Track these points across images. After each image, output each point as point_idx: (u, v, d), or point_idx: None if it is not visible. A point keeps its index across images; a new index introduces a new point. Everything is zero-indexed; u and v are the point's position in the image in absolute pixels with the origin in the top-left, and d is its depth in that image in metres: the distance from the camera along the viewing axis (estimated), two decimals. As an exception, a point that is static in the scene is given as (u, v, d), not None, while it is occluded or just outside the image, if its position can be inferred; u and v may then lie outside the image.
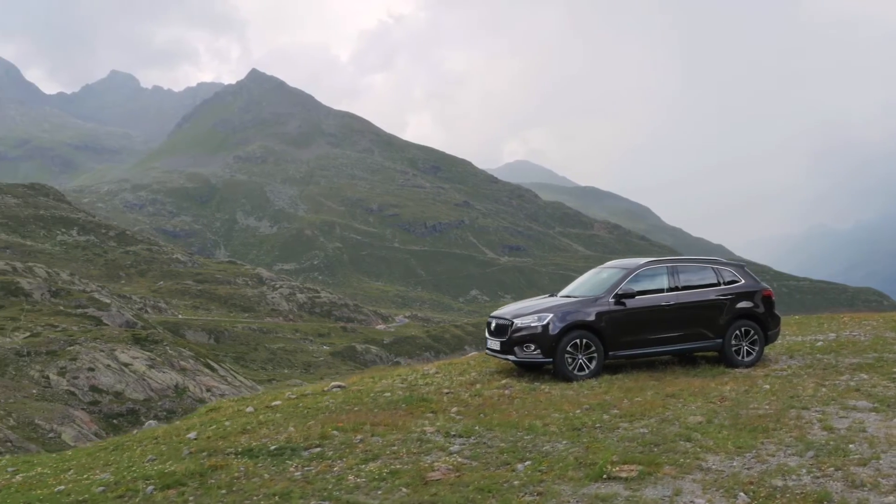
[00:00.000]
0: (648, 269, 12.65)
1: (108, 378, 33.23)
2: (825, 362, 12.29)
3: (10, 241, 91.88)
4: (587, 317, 11.91)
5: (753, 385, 10.64)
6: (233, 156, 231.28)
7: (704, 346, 12.63)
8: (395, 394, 11.62)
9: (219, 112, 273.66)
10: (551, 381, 11.88)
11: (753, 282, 13.00)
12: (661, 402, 9.63)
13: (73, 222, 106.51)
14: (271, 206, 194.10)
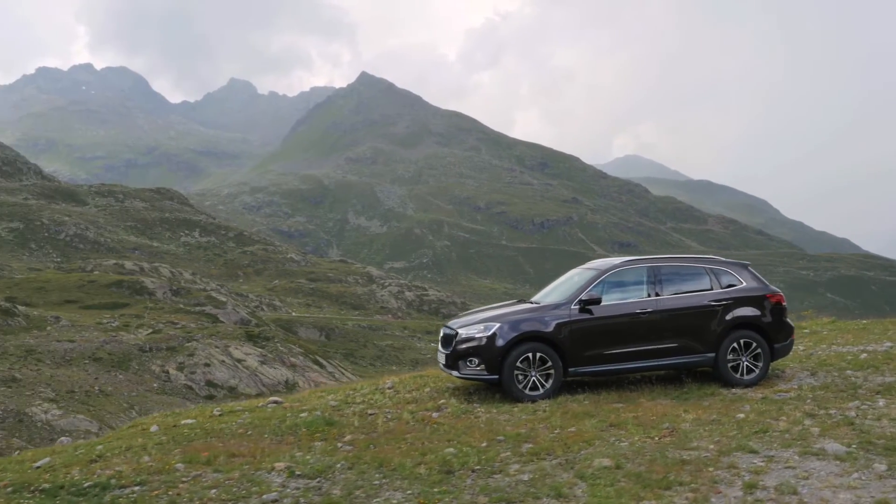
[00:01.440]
0: (624, 270, 10.64)
1: (223, 373, 35.12)
2: (849, 382, 10.11)
3: (139, 242, 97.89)
4: (543, 327, 10.04)
5: (727, 413, 8.70)
6: (344, 157, 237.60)
7: (692, 361, 10.44)
8: (314, 413, 10.15)
9: (331, 115, 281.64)
10: (498, 401, 10.10)
11: (758, 284, 10.84)
12: (594, 434, 8.08)
13: (196, 224, 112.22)
14: (381, 206, 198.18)
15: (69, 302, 44.30)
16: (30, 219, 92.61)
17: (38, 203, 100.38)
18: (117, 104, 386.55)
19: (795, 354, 12.69)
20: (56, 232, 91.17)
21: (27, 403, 24.12)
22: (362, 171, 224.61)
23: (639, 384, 10.72)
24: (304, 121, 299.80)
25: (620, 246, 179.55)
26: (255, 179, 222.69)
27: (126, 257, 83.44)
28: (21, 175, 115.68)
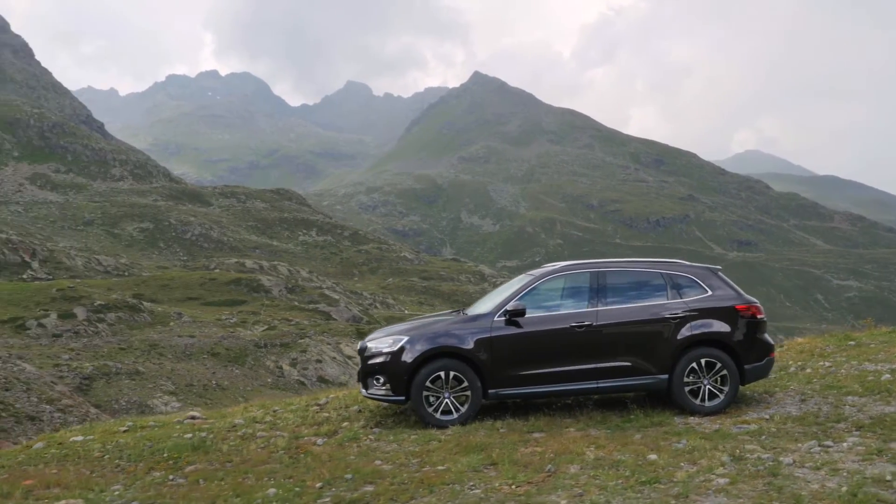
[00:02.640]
0: (561, 276, 9.12)
1: (334, 370, 35.65)
2: (837, 412, 8.26)
3: (259, 241, 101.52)
4: (459, 342, 8.58)
5: (646, 451, 6.95)
6: (457, 157, 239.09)
7: (640, 384, 8.75)
8: (184, 437, 9.00)
9: (444, 115, 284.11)
10: (407, 427, 8.78)
11: (727, 294, 9.00)
12: (457, 476, 6.70)
13: (313, 224, 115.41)
14: (494, 205, 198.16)
15: (191, 299, 46.17)
16: (159, 219, 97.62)
17: (167, 204, 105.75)
18: (241, 108, 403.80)
19: (809, 373, 10.82)
20: (183, 231, 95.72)
21: (149, 395, 25.04)
22: (475, 170, 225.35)
23: (583, 408, 9.12)
24: (419, 121, 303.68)
25: (740, 244, 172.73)
26: (370, 179, 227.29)
27: (247, 256, 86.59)
28: (151, 178, 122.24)
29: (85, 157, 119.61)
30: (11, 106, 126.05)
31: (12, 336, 31.02)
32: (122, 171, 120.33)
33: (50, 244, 72.87)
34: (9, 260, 61.19)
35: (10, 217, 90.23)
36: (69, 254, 69.58)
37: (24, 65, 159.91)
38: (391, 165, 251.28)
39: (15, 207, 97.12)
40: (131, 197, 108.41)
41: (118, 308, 36.16)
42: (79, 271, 64.13)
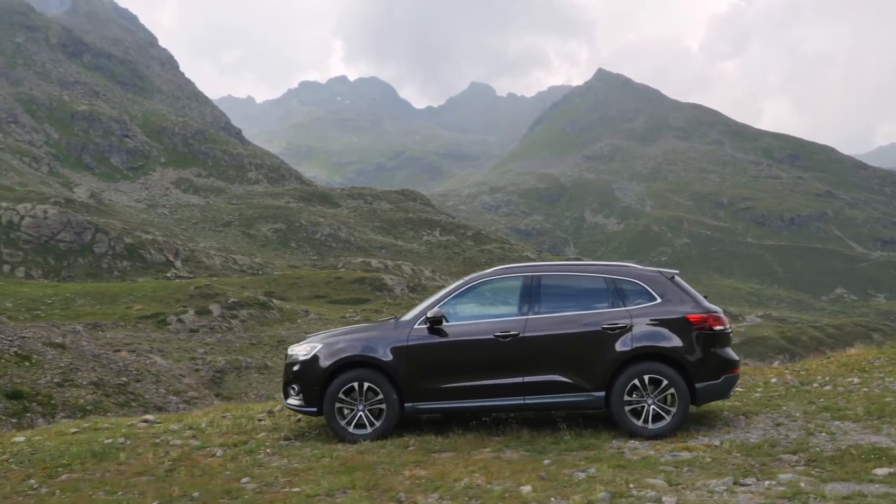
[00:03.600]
0: (492, 280, 8.29)
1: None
2: (799, 441, 7.23)
3: (385, 241, 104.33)
4: (374, 351, 7.94)
5: (523, 483, 6.17)
6: (581, 155, 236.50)
7: (572, 401, 7.83)
8: (124, 442, 8.59)
9: (567, 114, 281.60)
10: (317, 439, 8.25)
11: (681, 302, 7.92)
12: (303, 500, 6.14)
13: (437, 224, 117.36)
14: (618, 204, 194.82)
15: (318, 297, 48.32)
16: (291, 220, 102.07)
17: (298, 206, 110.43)
18: (368, 112, 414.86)
19: (824, 390, 9.76)
20: (313, 232, 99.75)
21: (277, 389, 26.53)
22: (599, 168, 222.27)
23: (517, 426, 8.18)
24: (542, 120, 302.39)
25: (884, 243, 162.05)
26: (494, 179, 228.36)
27: (373, 255, 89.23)
28: (284, 181, 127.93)
29: (224, 162, 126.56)
30: (159, 115, 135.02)
31: (154, 330, 33.63)
32: (257, 175, 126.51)
33: (192, 244, 77.79)
34: (155, 259, 65.81)
35: (157, 219, 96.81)
36: (208, 253, 74.04)
37: (170, 76, 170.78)
38: (514, 165, 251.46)
39: (161, 210, 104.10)
40: (266, 199, 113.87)
41: (250, 305, 38.40)
42: (217, 270, 68.21)
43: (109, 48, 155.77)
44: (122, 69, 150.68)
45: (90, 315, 37.22)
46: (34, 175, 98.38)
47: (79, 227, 64.83)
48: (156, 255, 66.49)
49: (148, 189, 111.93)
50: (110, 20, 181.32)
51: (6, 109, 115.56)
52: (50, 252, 61.94)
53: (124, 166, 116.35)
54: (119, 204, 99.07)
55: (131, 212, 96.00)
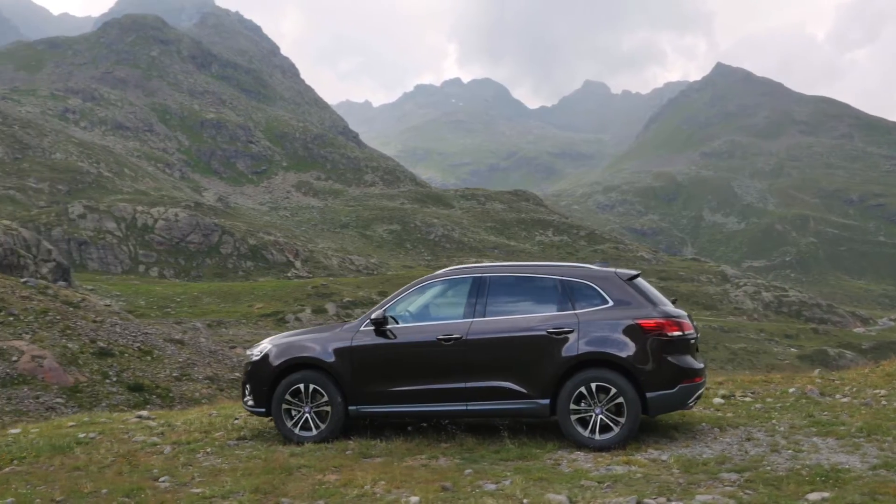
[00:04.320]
0: (442, 281, 8.06)
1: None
2: (756, 460, 6.67)
3: (497, 241, 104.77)
4: (319, 352, 7.84)
5: (416, 493, 5.93)
6: (698, 152, 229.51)
7: (514, 408, 7.46)
8: (95, 437, 8.61)
9: (684, 110, 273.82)
10: (267, 439, 8.19)
11: (635, 305, 7.43)
12: (189, 500, 6.08)
13: (549, 224, 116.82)
14: (739, 202, 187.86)
15: (430, 296, 49.28)
16: (406, 221, 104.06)
17: (413, 207, 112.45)
18: (482, 113, 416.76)
19: (827, 403, 9.04)
20: (427, 233, 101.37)
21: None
22: (718, 165, 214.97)
23: (467, 433, 7.85)
24: (657, 117, 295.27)
25: None
26: (608, 179, 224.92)
27: (486, 256, 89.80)
28: (399, 182, 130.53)
29: (342, 165, 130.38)
30: (281, 121, 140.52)
31: (273, 328, 35.25)
32: (373, 177, 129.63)
33: (311, 245, 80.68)
34: (276, 260, 68.70)
35: (279, 221, 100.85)
36: (326, 254, 76.61)
37: (291, 83, 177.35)
38: (629, 164, 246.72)
39: (283, 212, 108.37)
40: (381, 201, 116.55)
41: (364, 304, 39.64)
42: (334, 270, 70.53)
43: (235, 58, 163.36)
44: (246, 78, 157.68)
45: (215, 313, 39.43)
46: (167, 180, 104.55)
47: (207, 230, 68.49)
48: (277, 256, 69.40)
49: (270, 192, 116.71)
50: (236, 31, 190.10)
51: (142, 119, 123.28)
52: (181, 253, 65.73)
53: (249, 171, 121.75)
54: (244, 207, 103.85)
55: (255, 214, 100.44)
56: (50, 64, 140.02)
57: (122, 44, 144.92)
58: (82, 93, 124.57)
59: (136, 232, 66.37)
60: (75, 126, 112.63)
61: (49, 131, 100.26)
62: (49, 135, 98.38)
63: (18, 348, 18.28)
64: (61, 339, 20.05)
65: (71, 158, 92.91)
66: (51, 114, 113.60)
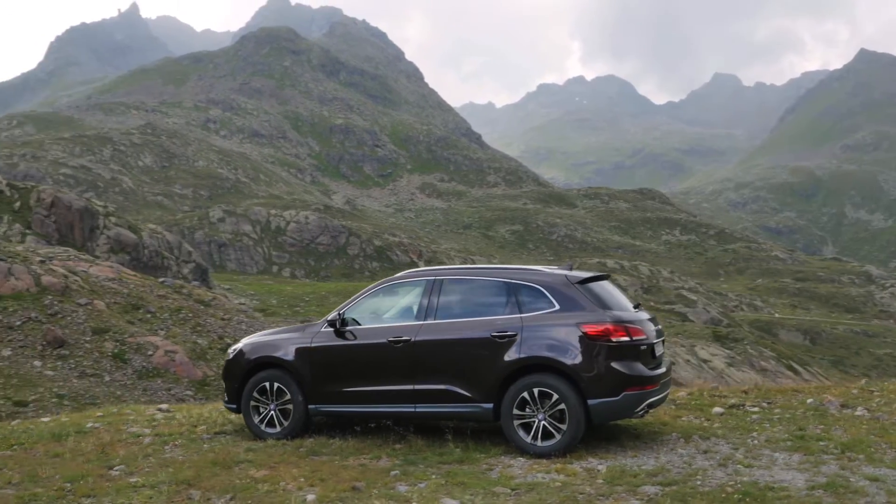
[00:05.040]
0: (399, 283, 8.16)
1: (688, 373, 35.49)
2: (690, 474, 6.34)
3: (622, 241, 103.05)
4: (282, 352, 8.08)
5: (322, 489, 6.08)
6: (840, 145, 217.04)
7: (459, 412, 7.43)
8: (98, 427, 9.00)
9: (823, 100, 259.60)
10: (238, 437, 8.33)
11: (580, 310, 7.18)
12: (83, 484, 6.37)
13: (676, 223, 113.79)
14: (885, 197, 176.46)
15: (552, 297, 49.08)
16: (528, 221, 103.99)
17: (535, 207, 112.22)
18: (606, 111, 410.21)
19: (852, 418, 8.31)
20: (549, 233, 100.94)
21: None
22: (862, 158, 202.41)
23: (421, 434, 7.83)
24: (794, 109, 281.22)
25: None
26: (740, 175, 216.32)
27: (609, 255, 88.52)
28: (522, 183, 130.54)
29: (465, 167, 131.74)
30: (405, 125, 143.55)
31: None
32: (496, 178, 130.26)
33: (434, 246, 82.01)
34: (400, 260, 70.32)
35: (404, 222, 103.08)
36: (449, 254, 77.69)
37: (415, 87, 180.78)
38: (763, 159, 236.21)
39: (408, 214, 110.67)
40: (504, 201, 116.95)
41: (486, 304, 40.08)
42: (457, 270, 71.44)
43: (362, 65, 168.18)
44: (373, 84, 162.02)
45: (344, 311, 40.90)
46: (299, 184, 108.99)
47: (335, 231, 71.01)
48: (401, 257, 71.04)
49: (396, 194, 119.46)
50: (363, 39, 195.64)
51: (276, 126, 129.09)
52: (311, 254, 68.46)
53: (375, 174, 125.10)
54: (370, 209, 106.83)
55: (381, 216, 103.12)
56: (193, 77, 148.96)
57: (257, 56, 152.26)
58: (222, 103, 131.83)
59: (269, 234, 69.66)
60: (216, 135, 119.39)
61: (192, 140, 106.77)
62: (192, 144, 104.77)
63: (154, 343, 19.77)
64: (192, 336, 21.49)
65: (212, 165, 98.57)
66: (194, 124, 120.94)
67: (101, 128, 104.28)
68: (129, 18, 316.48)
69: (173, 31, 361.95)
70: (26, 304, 20.50)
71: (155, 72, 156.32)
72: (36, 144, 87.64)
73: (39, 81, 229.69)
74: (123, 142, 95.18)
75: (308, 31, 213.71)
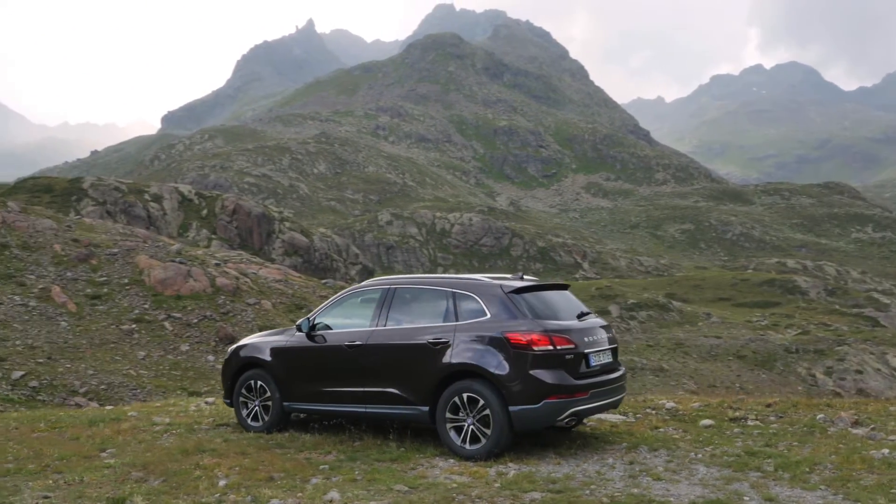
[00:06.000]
0: (361, 291, 8.60)
1: (878, 382, 32.49)
2: (598, 478, 6.49)
3: (804, 240, 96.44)
4: (263, 353, 8.73)
5: (235, 477, 6.61)
6: None
7: (400, 413, 7.80)
8: (131, 415, 9.85)
9: None
10: (231, 432, 8.77)
11: (507, 318, 7.31)
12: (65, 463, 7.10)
13: (869, 219, 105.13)
14: None
15: (722, 299, 46.55)
16: (699, 220, 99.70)
17: (707, 205, 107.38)
18: (787, 101, 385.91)
19: (845, 437, 7.75)
20: (723, 232, 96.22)
21: (670, 392, 26.39)
22: None
23: (375, 433, 8.22)
24: None
25: None
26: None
27: (790, 255, 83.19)
28: (693, 180, 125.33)
29: (631, 165, 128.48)
30: (570, 124, 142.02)
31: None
32: (664, 175, 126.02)
33: (599, 246, 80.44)
34: (564, 261, 69.49)
35: (569, 223, 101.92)
36: (615, 255, 75.89)
37: (580, 86, 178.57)
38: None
39: (573, 214, 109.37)
40: (673, 199, 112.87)
41: (649, 307, 38.60)
42: (622, 271, 69.61)
43: (526, 66, 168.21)
44: (536, 84, 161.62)
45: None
46: (464, 187, 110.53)
47: (498, 233, 71.29)
48: (565, 258, 70.18)
49: (560, 195, 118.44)
50: (526, 40, 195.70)
51: (442, 131, 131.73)
52: (474, 255, 69.12)
53: (539, 174, 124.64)
54: (534, 210, 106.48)
55: (545, 217, 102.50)
56: (364, 87, 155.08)
57: (423, 62, 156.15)
58: (390, 110, 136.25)
59: (434, 236, 71.06)
60: (384, 141, 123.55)
61: (363, 147, 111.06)
62: (363, 150, 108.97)
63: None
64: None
65: (381, 171, 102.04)
66: (364, 131, 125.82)
67: (280, 138, 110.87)
68: (305, 34, 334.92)
69: (345, 43, 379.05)
70: (202, 303, 22.04)
71: (329, 83, 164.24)
72: (224, 156, 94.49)
73: (228, 97, 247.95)
74: (300, 151, 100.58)
75: (472, 35, 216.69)
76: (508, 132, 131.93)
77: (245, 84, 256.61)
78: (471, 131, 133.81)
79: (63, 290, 20.98)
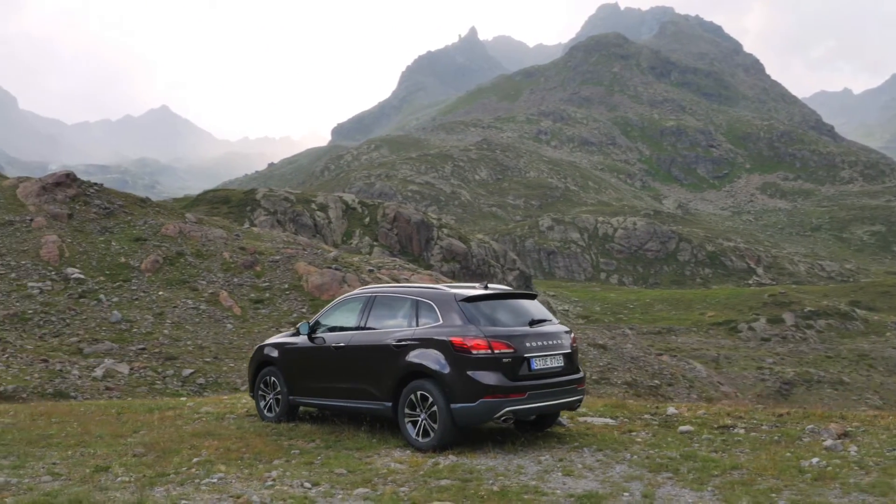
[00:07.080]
0: (350, 298, 9.53)
1: None
2: (538, 480, 6.44)
3: None
4: (275, 352, 9.83)
5: (203, 460, 7.35)
6: None
7: (371, 408, 8.61)
8: (187, 404, 11.13)
9: None
10: (247, 421, 9.82)
11: (455, 324, 7.97)
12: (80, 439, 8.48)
13: None
14: None
15: (916, 308, 42.24)
16: (892, 221, 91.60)
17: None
18: None
19: (822, 452, 7.12)
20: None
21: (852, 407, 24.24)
22: None
23: (366, 426, 8.95)
24: None
25: None
26: None
27: None
28: (884, 177, 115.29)
29: (812, 163, 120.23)
30: (743, 121, 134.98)
31: (725, 337, 33.64)
32: (851, 173, 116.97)
33: (775, 250, 75.66)
34: (736, 266, 65.89)
35: (741, 226, 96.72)
36: (792, 259, 71.08)
37: (754, 81, 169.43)
38: None
39: (746, 216, 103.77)
40: (861, 199, 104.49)
41: (828, 315, 35.67)
42: (801, 277, 65.00)
43: (695, 63, 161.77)
44: (706, 81, 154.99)
45: (665, 320, 39.15)
46: (628, 190, 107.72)
47: (664, 237, 68.78)
48: (737, 262, 66.56)
49: (733, 196, 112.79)
50: (695, 36, 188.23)
51: (605, 133, 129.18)
52: (639, 260, 67.07)
53: (710, 175, 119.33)
54: (704, 213, 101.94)
55: (715, 220, 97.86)
56: (526, 92, 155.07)
57: (586, 65, 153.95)
58: (552, 115, 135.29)
59: (597, 241, 69.64)
60: (546, 146, 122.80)
61: (524, 153, 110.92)
62: (524, 156, 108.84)
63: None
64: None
65: (542, 176, 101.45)
66: (526, 136, 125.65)
67: (442, 146, 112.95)
68: (468, 42, 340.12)
69: (508, 49, 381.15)
70: (355, 310, 22.69)
71: (490, 90, 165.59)
72: (389, 165, 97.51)
73: (393, 108, 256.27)
74: (462, 158, 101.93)
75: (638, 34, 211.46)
76: (676, 132, 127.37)
77: (409, 94, 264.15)
78: (636, 133, 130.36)
79: (230, 295, 22.30)
